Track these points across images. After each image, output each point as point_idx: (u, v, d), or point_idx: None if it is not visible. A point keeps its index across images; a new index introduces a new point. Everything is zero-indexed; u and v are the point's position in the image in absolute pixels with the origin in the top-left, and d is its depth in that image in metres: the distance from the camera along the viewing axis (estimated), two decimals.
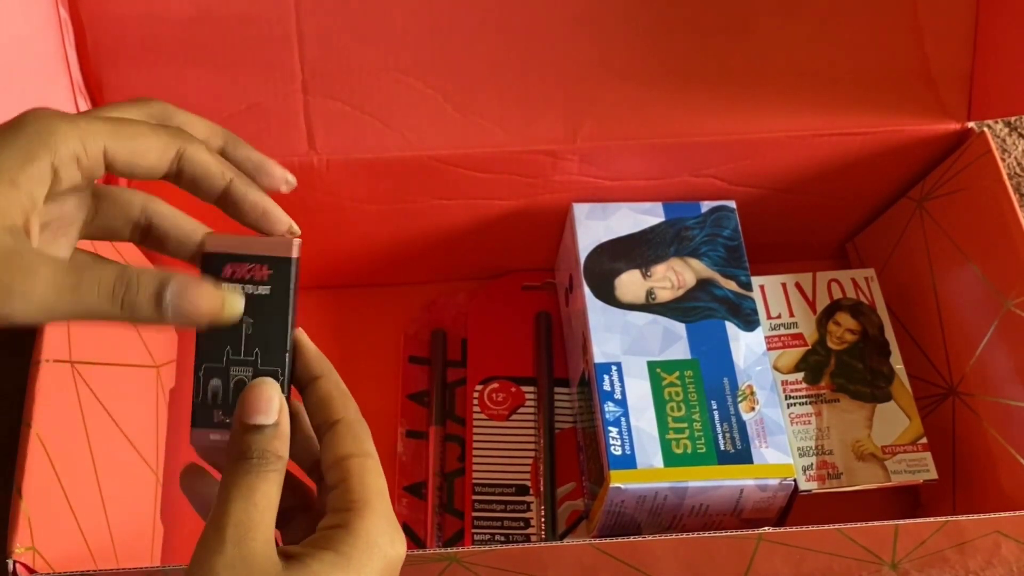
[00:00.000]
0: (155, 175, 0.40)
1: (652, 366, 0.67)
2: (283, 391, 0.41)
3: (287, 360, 0.41)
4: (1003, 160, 0.90)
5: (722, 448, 0.65)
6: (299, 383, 0.42)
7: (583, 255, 0.72)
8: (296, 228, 0.42)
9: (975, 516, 0.58)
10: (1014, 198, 0.69)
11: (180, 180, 0.40)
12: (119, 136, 0.38)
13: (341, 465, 0.40)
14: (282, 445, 0.39)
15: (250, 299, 0.40)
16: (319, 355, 0.42)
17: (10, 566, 0.53)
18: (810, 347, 0.73)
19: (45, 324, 0.37)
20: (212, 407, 0.41)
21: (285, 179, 0.43)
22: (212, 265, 0.41)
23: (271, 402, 0.39)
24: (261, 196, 0.41)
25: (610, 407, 0.66)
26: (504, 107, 0.71)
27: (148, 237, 0.43)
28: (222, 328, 0.40)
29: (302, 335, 0.42)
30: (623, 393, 0.66)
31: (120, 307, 0.37)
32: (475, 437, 0.75)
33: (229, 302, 0.39)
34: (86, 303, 0.36)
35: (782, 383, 0.71)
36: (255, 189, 0.41)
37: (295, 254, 0.41)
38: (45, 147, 0.37)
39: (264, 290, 0.40)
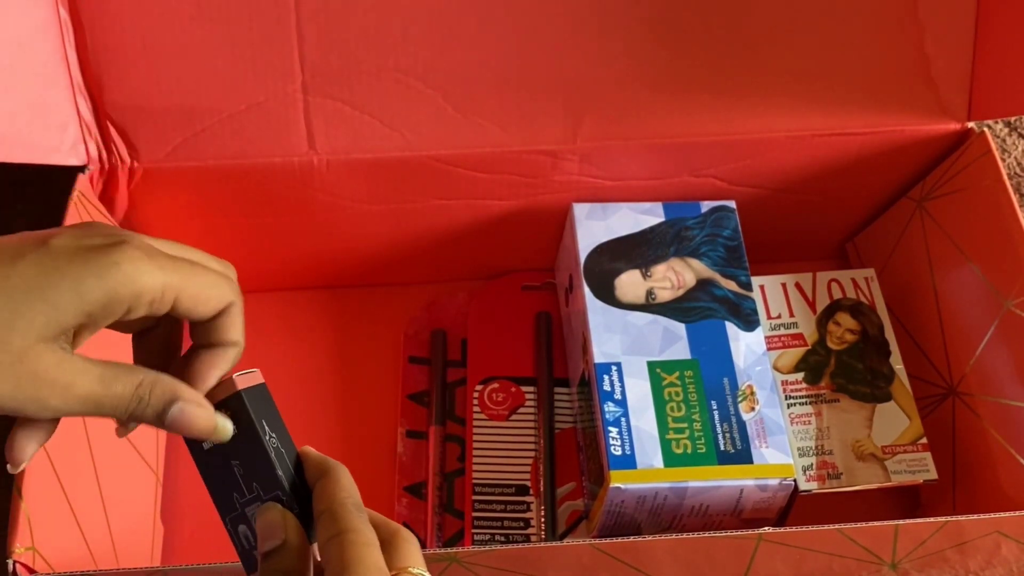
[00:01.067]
0: (200, 320, 0.42)
1: (652, 366, 0.67)
2: (294, 508, 0.42)
3: (283, 480, 0.42)
4: (1003, 160, 0.90)
5: (722, 448, 0.65)
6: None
7: (583, 255, 0.72)
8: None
9: (975, 516, 0.58)
10: (1014, 198, 0.69)
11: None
12: (191, 284, 0.41)
13: (323, 550, 0.41)
14: (298, 560, 0.41)
15: (232, 442, 0.42)
16: (321, 459, 0.44)
17: (10, 566, 0.53)
18: (810, 347, 0.73)
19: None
20: (251, 550, 0.43)
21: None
22: None
23: (273, 524, 0.41)
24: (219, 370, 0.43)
25: (610, 407, 0.66)
26: (504, 107, 0.71)
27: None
28: (222, 481, 0.43)
29: (308, 449, 0.44)
30: (623, 393, 0.66)
31: (128, 418, 0.40)
32: (475, 437, 0.75)
33: (220, 427, 0.42)
34: (102, 412, 0.40)
35: (782, 383, 0.71)
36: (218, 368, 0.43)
37: (241, 387, 0.42)
38: (129, 296, 0.39)
39: (236, 430, 0.42)
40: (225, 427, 0.42)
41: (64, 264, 0.38)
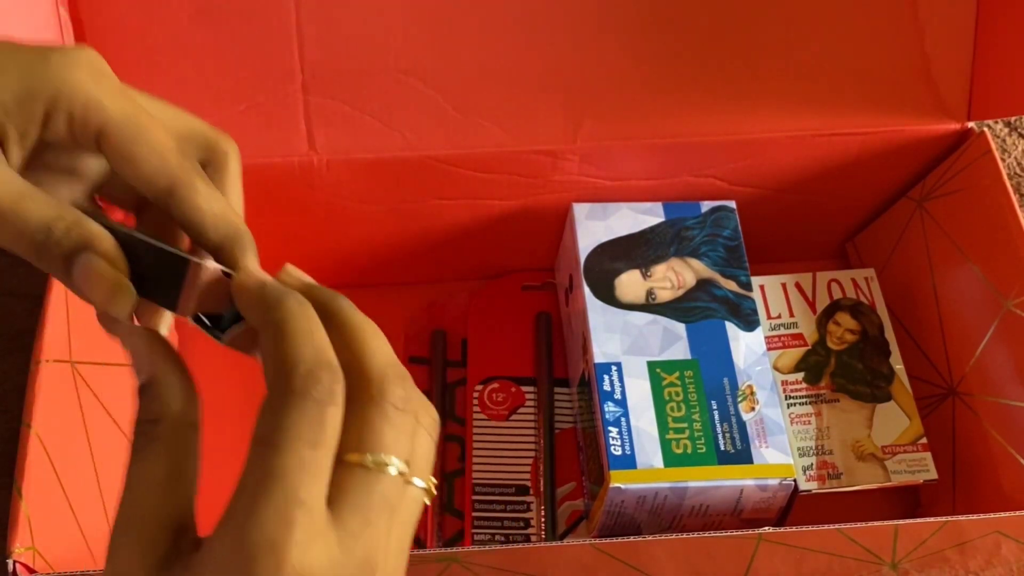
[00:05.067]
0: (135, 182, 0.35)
1: (652, 366, 0.67)
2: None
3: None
4: (1003, 160, 0.90)
5: (722, 448, 0.65)
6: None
7: (583, 255, 0.72)
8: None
9: (975, 516, 0.58)
10: (1014, 198, 0.69)
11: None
12: (126, 131, 0.35)
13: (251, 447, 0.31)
14: (153, 408, 0.35)
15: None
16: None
17: (10, 566, 0.53)
18: (810, 347, 0.73)
19: None
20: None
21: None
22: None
23: (139, 355, 0.35)
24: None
25: (610, 407, 0.66)
26: (504, 107, 0.71)
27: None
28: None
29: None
30: (623, 393, 0.66)
31: (36, 255, 0.34)
32: (475, 437, 0.75)
33: (119, 299, 0.34)
34: (6, 237, 0.34)
35: (782, 383, 0.71)
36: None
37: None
38: (45, 92, 0.34)
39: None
40: (124, 303, 0.34)
41: None
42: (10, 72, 0.34)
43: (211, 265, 0.36)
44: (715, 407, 0.66)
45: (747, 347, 0.68)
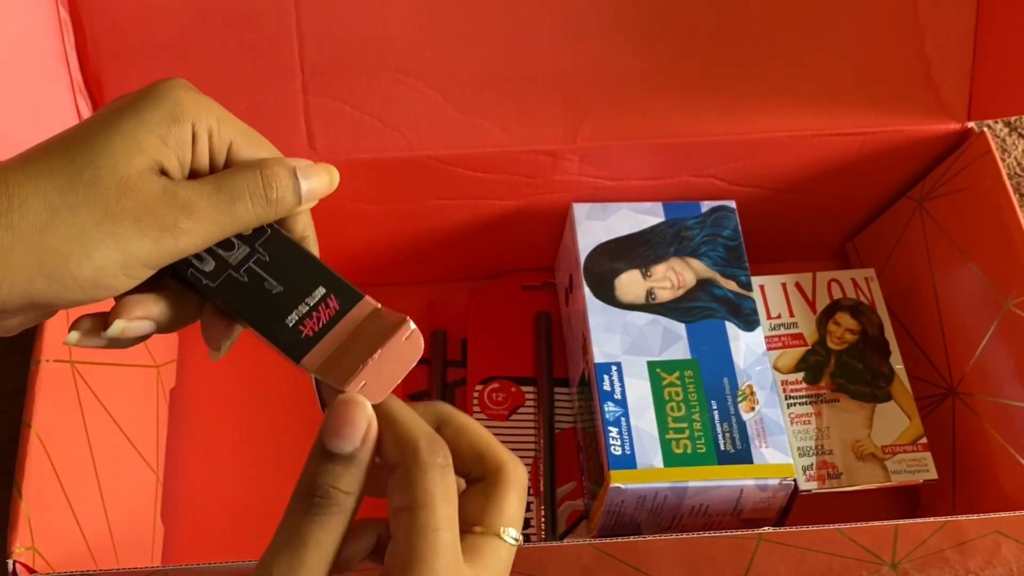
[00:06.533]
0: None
1: (652, 366, 0.67)
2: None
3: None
4: (1003, 160, 0.90)
5: (722, 448, 0.65)
6: None
7: (583, 255, 0.72)
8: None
9: (975, 516, 0.58)
10: (1014, 198, 0.69)
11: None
12: (249, 138, 0.40)
13: (393, 518, 0.37)
14: (352, 481, 0.37)
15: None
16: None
17: (10, 566, 0.53)
18: (810, 347, 0.73)
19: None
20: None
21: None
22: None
23: (355, 426, 0.37)
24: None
25: (610, 407, 0.66)
26: (504, 107, 0.71)
27: None
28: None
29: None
30: (623, 393, 0.66)
31: (274, 209, 0.39)
32: None
33: (334, 172, 0.42)
34: (243, 220, 0.39)
35: (782, 383, 0.71)
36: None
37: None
38: (186, 114, 0.38)
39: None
40: (335, 173, 0.42)
41: (119, 107, 0.38)
42: (143, 106, 0.38)
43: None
44: (715, 407, 0.66)
45: (747, 347, 0.68)
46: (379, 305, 0.40)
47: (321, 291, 0.40)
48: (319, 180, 0.41)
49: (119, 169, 0.36)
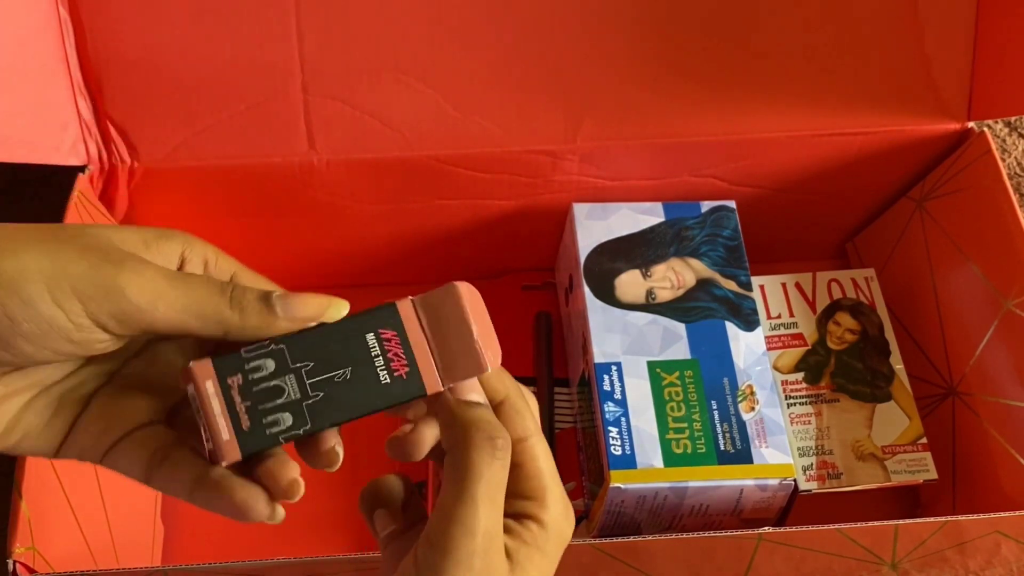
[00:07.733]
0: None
1: (652, 366, 0.67)
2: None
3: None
4: (1003, 160, 0.90)
5: (722, 448, 0.65)
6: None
7: (583, 255, 0.72)
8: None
9: (975, 516, 0.58)
10: (1014, 198, 0.69)
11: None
12: (252, 273, 0.40)
13: (514, 449, 0.40)
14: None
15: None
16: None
17: (10, 566, 0.53)
18: (810, 347, 0.73)
19: (160, 328, 0.36)
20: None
21: None
22: None
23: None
24: None
25: (610, 407, 0.66)
26: (504, 107, 0.71)
27: None
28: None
29: None
30: (623, 393, 0.66)
31: (230, 302, 0.36)
32: None
33: (335, 303, 0.39)
34: (197, 294, 0.36)
35: (782, 383, 0.71)
36: None
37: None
38: (177, 236, 0.38)
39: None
40: (340, 305, 0.39)
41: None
42: (152, 229, 0.38)
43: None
44: (715, 407, 0.66)
45: (747, 347, 0.68)
46: (412, 297, 0.40)
47: (371, 337, 0.39)
48: (307, 302, 0.38)
49: (85, 228, 0.36)
